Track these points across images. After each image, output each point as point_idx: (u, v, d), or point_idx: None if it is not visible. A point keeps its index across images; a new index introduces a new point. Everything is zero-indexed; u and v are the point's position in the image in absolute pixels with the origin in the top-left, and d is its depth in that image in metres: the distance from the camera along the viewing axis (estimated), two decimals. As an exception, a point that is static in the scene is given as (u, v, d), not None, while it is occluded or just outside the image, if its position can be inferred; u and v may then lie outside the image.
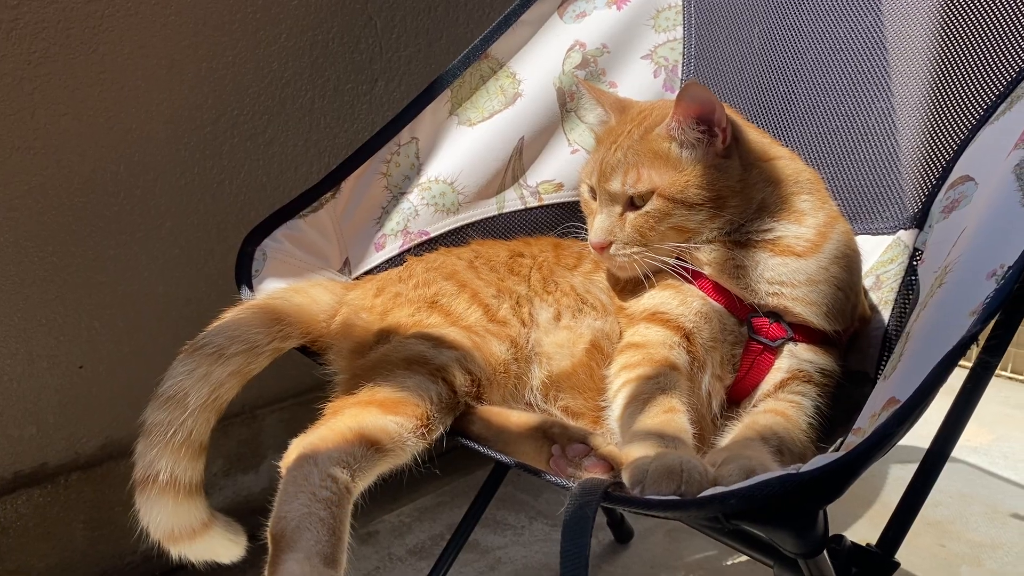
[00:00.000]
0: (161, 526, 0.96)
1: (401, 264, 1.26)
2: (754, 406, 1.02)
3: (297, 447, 0.87)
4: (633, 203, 1.06)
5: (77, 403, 1.51)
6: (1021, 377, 2.56)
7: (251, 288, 1.16)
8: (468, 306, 1.07)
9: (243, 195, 1.62)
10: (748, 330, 1.03)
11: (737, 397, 1.05)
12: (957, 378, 0.80)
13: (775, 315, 1.04)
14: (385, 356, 0.99)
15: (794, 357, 1.02)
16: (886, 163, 1.24)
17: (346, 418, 0.89)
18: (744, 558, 1.73)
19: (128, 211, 1.48)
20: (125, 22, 1.40)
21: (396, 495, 1.93)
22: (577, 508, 0.68)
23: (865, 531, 1.70)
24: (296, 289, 1.09)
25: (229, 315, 1.04)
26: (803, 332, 1.04)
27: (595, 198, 1.11)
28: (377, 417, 0.89)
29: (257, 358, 1.03)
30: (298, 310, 1.07)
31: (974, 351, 0.81)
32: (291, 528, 0.79)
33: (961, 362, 0.72)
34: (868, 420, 0.75)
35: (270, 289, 1.16)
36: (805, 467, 0.65)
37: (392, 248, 1.33)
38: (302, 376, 1.82)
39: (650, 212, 1.04)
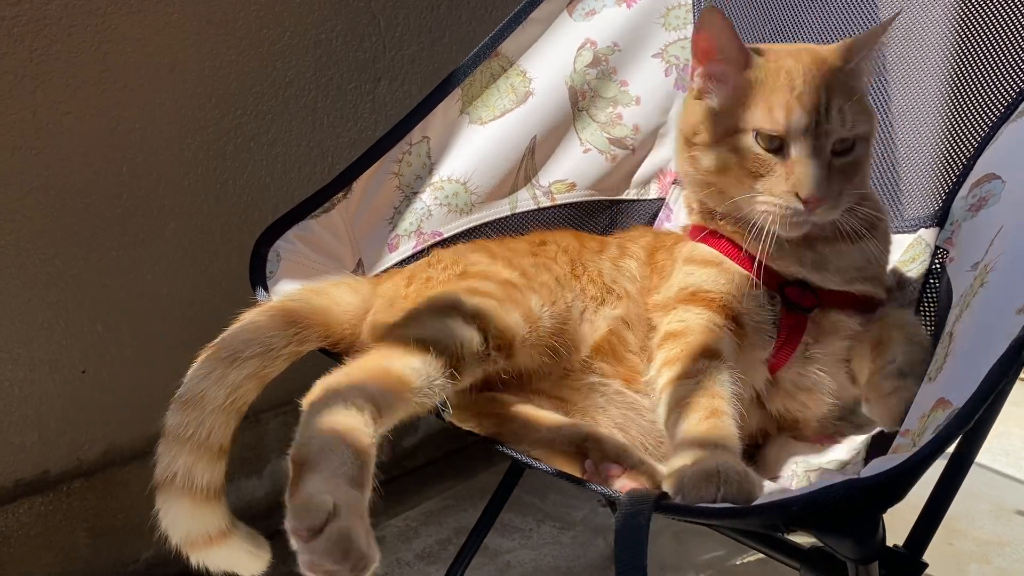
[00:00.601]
0: (179, 529, 0.94)
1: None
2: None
3: (321, 384, 0.84)
4: (835, 149, 0.96)
5: (79, 409, 1.48)
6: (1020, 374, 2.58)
7: (266, 290, 1.13)
8: (504, 267, 1.06)
9: (247, 196, 1.59)
10: (782, 300, 1.01)
11: (774, 368, 1.02)
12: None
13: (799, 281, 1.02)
14: (416, 307, 0.97)
15: (847, 321, 1.01)
16: (906, 160, 1.24)
17: (372, 358, 0.87)
18: (752, 558, 1.73)
19: (131, 213, 1.46)
20: (128, 20, 1.37)
21: (401, 499, 1.91)
22: (629, 516, 0.66)
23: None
24: (316, 290, 1.07)
25: (246, 317, 1.02)
26: (832, 296, 1.02)
27: (777, 149, 0.96)
28: (404, 356, 0.87)
29: (274, 361, 1.00)
30: (317, 312, 1.04)
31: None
32: (314, 451, 0.75)
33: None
34: (917, 421, 0.74)
35: (285, 291, 1.13)
36: (865, 471, 0.63)
37: (406, 249, 1.31)
38: (306, 378, 1.80)
39: (858, 160, 0.96)
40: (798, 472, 0.95)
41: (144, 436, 1.56)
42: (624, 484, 0.87)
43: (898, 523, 0.90)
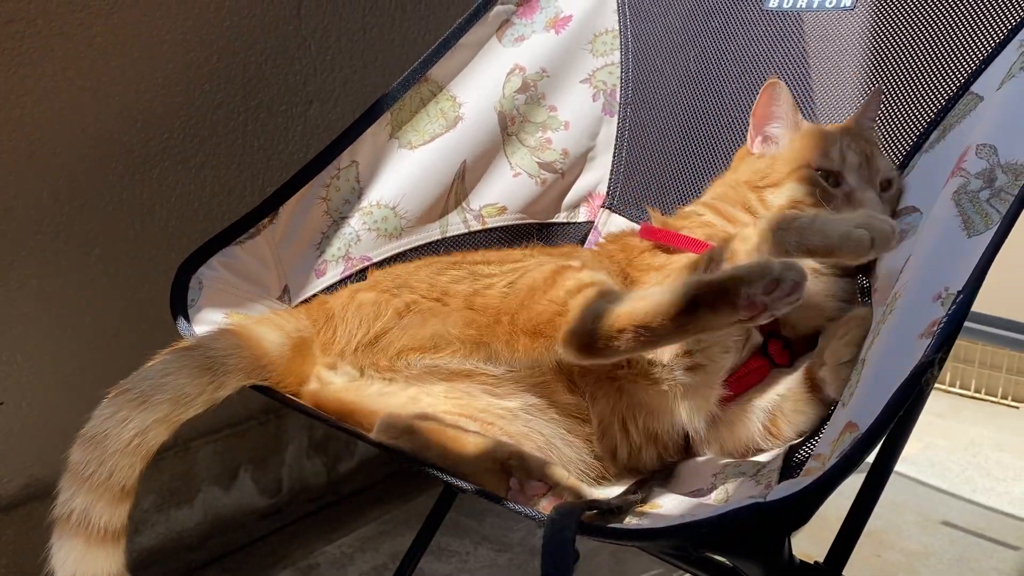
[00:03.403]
0: (66, 569, 0.90)
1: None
2: None
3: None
4: (883, 187, 1.14)
5: (-2, 441, 1.43)
6: (943, 386, 2.66)
7: (187, 319, 1.11)
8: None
9: (175, 221, 1.57)
10: (764, 349, 1.08)
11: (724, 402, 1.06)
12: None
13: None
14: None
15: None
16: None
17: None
18: (688, 576, 1.74)
19: (52, 239, 1.42)
20: (47, 43, 1.34)
21: (336, 525, 1.88)
22: (555, 530, 0.66)
23: (805, 545, 1.72)
24: (238, 333, 1.04)
25: (158, 359, 0.99)
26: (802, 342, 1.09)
27: (830, 181, 1.14)
28: None
29: (187, 408, 0.97)
30: (240, 357, 1.02)
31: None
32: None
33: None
34: (828, 446, 0.76)
35: (209, 320, 1.12)
36: (771, 495, 0.65)
37: (333, 274, 1.30)
38: (237, 406, 1.77)
39: (892, 197, 1.14)
40: (717, 484, 0.97)
41: (67, 468, 1.52)
42: (548, 503, 0.87)
43: (830, 537, 0.93)
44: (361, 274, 1.32)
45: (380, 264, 1.33)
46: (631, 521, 0.83)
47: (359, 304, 1.08)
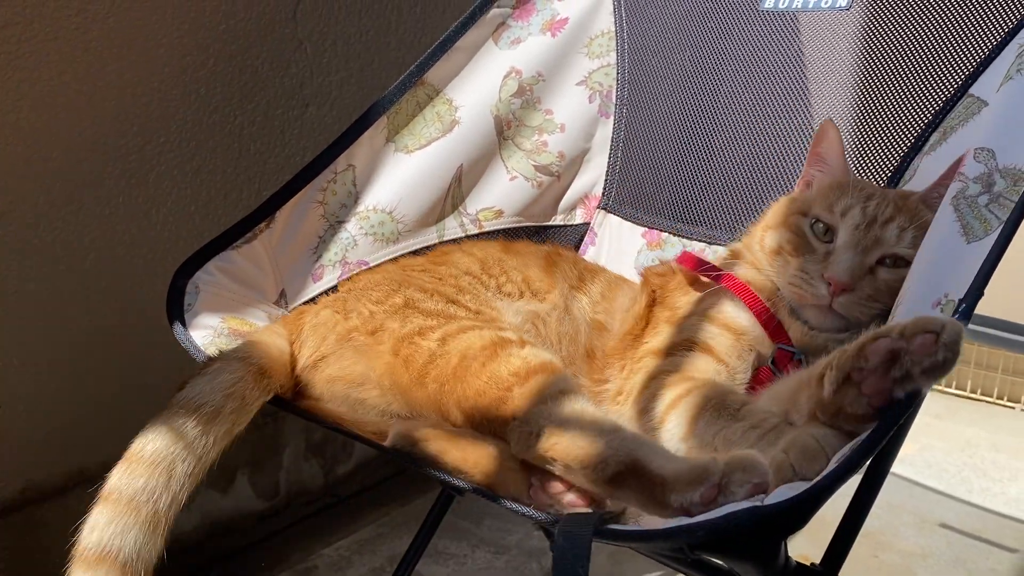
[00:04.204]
0: None
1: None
2: None
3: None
4: (884, 261, 0.99)
5: (-6, 446, 1.43)
6: (940, 387, 2.66)
7: (184, 324, 1.11)
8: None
9: (171, 224, 1.57)
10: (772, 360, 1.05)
11: None
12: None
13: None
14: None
15: None
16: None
17: None
18: (686, 578, 1.75)
19: (49, 243, 1.42)
20: (43, 47, 1.34)
21: (334, 528, 1.88)
22: (568, 543, 0.66)
23: (804, 546, 1.73)
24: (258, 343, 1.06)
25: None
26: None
27: (822, 235, 1.04)
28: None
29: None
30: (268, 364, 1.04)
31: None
32: None
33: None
34: (829, 450, 0.76)
35: (206, 325, 1.12)
36: (769, 499, 0.65)
37: (330, 279, 1.30)
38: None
39: (901, 278, 0.95)
40: None
41: (64, 473, 1.52)
42: (572, 499, 0.87)
43: (828, 538, 0.93)
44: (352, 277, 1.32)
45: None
46: (628, 522, 0.83)
47: (315, 324, 1.10)
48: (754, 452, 0.76)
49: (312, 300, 1.28)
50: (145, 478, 0.88)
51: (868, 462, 0.91)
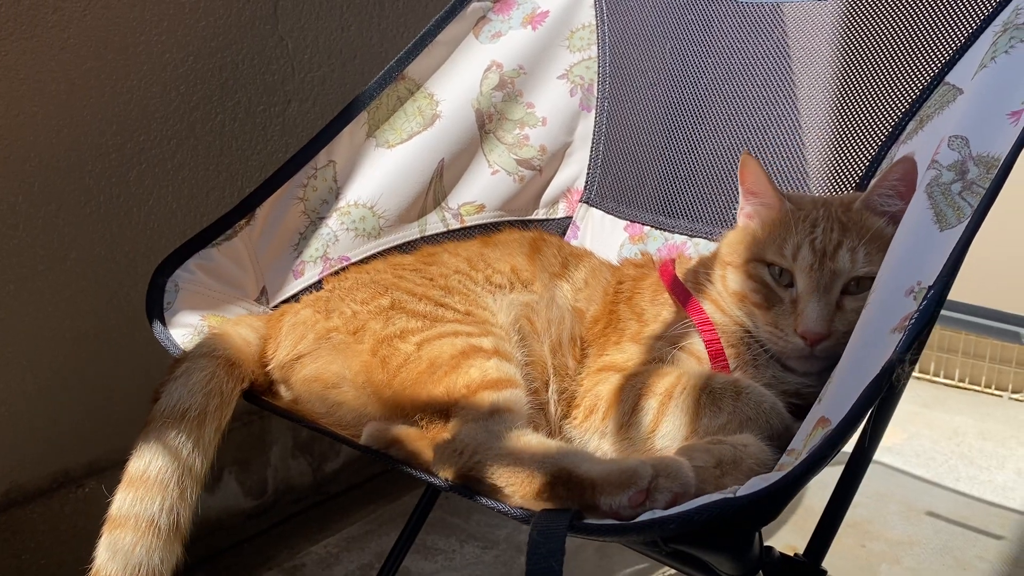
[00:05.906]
0: None
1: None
2: None
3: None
4: (848, 289, 0.98)
5: (-23, 448, 1.43)
6: (927, 376, 2.67)
7: (164, 323, 1.11)
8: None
9: (152, 223, 1.56)
10: None
11: None
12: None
13: None
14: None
15: None
16: (798, 176, 1.28)
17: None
18: (672, 572, 1.75)
19: (28, 244, 1.41)
20: (20, 46, 1.33)
21: (323, 525, 1.88)
22: (543, 539, 0.66)
23: (791, 537, 1.73)
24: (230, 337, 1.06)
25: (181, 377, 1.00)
26: None
27: (780, 279, 1.03)
28: None
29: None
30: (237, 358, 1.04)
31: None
32: None
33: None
34: (802, 441, 0.76)
35: (186, 323, 1.11)
36: (742, 490, 0.65)
37: (312, 275, 1.30)
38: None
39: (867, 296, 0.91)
40: None
41: (48, 474, 1.51)
42: None
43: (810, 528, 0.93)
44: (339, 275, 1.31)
45: (358, 265, 1.33)
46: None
47: (294, 324, 1.10)
48: (682, 459, 0.77)
49: (294, 298, 1.28)
50: (160, 498, 0.94)
51: (851, 451, 0.92)
